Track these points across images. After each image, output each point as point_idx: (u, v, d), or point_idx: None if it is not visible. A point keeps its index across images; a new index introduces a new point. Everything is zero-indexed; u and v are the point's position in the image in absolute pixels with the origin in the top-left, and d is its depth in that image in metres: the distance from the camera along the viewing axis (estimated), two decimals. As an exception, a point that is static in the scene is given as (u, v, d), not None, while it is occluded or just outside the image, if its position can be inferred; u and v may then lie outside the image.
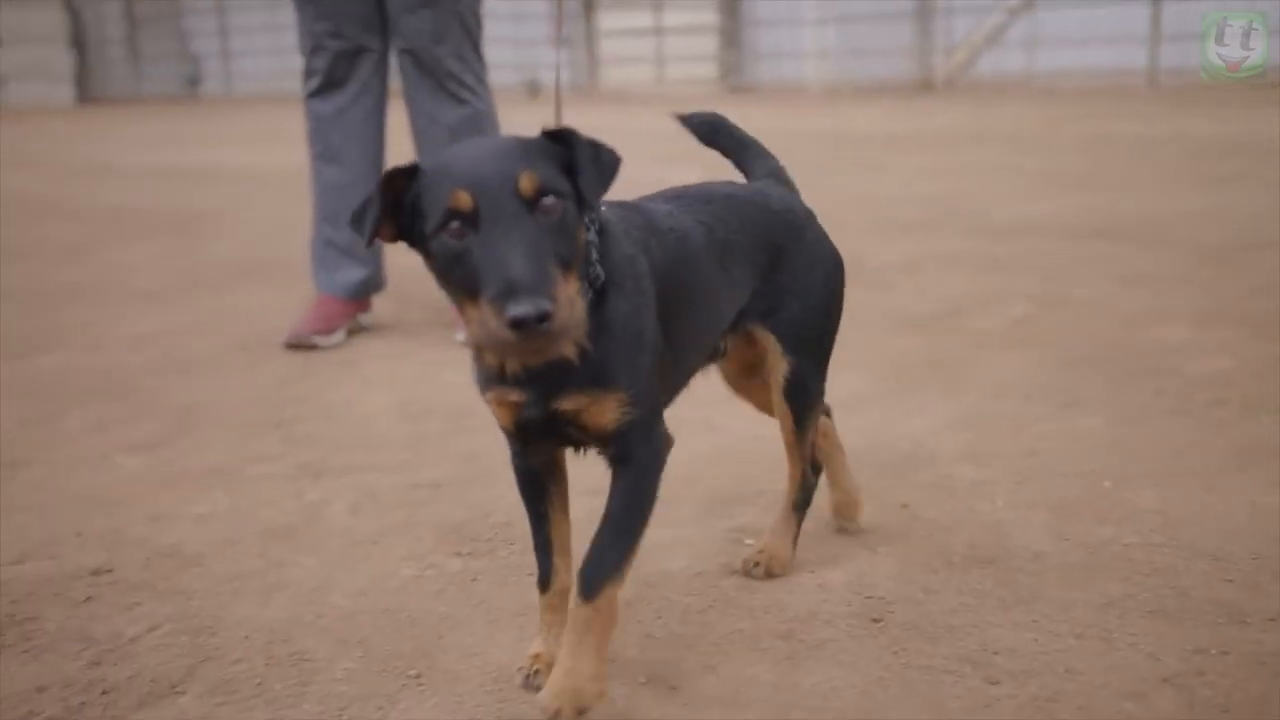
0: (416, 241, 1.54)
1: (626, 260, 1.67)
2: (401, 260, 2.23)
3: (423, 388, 3.50)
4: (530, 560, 2.19)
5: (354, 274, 4.10)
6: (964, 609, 1.98)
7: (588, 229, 1.59)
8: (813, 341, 2.05)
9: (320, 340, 3.97)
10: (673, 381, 1.87)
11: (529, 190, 1.45)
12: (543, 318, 1.36)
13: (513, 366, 1.60)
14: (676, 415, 2.92)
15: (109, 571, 2.25)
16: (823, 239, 2.08)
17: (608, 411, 1.63)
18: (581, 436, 1.68)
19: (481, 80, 3.91)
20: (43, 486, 2.75)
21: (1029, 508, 2.39)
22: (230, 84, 28.60)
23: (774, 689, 1.76)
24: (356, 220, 1.53)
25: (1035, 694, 1.71)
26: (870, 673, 1.79)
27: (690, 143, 2.22)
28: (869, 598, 2.04)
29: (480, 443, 2.87)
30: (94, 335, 4.31)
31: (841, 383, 3.32)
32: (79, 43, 26.84)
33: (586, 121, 2.09)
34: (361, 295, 4.16)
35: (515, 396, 1.63)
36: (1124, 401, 3.06)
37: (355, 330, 4.17)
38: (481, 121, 3.90)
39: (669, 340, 1.73)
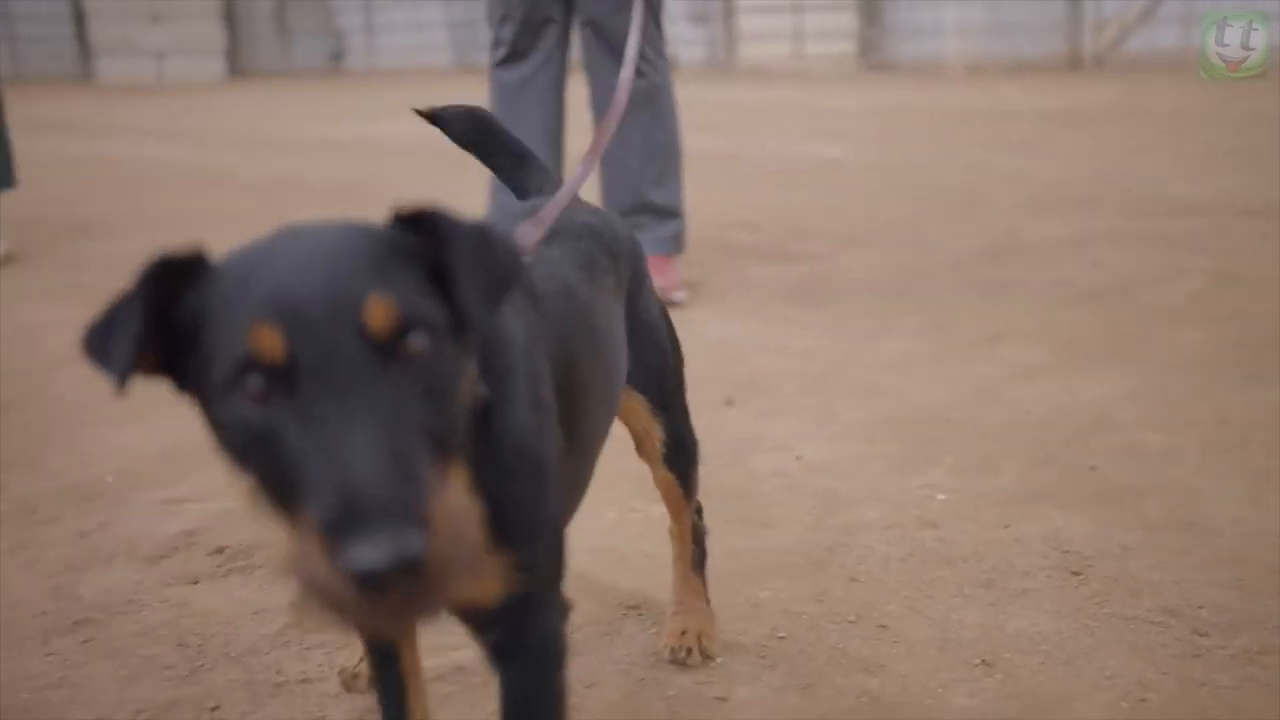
0: (190, 388, 0.93)
1: (518, 357, 1.14)
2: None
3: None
4: (735, 508, 2.32)
5: (527, 239, 4.22)
6: (1163, 566, 2.02)
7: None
8: (677, 392, 1.69)
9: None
10: (577, 488, 1.38)
11: (382, 326, 0.88)
12: (409, 564, 0.79)
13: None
14: (847, 381, 3.02)
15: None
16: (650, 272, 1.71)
17: (488, 581, 0.94)
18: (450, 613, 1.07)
19: (660, 53, 3.99)
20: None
21: (1223, 474, 2.40)
22: (372, 59, 29.34)
23: (981, 630, 1.83)
24: (100, 339, 0.91)
25: (1245, 646, 1.75)
26: (1075, 620, 1.85)
27: (835, 119, 2.26)
28: (1066, 552, 2.09)
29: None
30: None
31: (1016, 353, 3.37)
32: (230, 19, 27.87)
33: (727, 97, 2.16)
34: (533, 261, 4.29)
35: None
36: (1312, 377, 3.03)
37: (528, 293, 4.31)
38: (657, 94, 3.99)
39: (571, 438, 1.25)
